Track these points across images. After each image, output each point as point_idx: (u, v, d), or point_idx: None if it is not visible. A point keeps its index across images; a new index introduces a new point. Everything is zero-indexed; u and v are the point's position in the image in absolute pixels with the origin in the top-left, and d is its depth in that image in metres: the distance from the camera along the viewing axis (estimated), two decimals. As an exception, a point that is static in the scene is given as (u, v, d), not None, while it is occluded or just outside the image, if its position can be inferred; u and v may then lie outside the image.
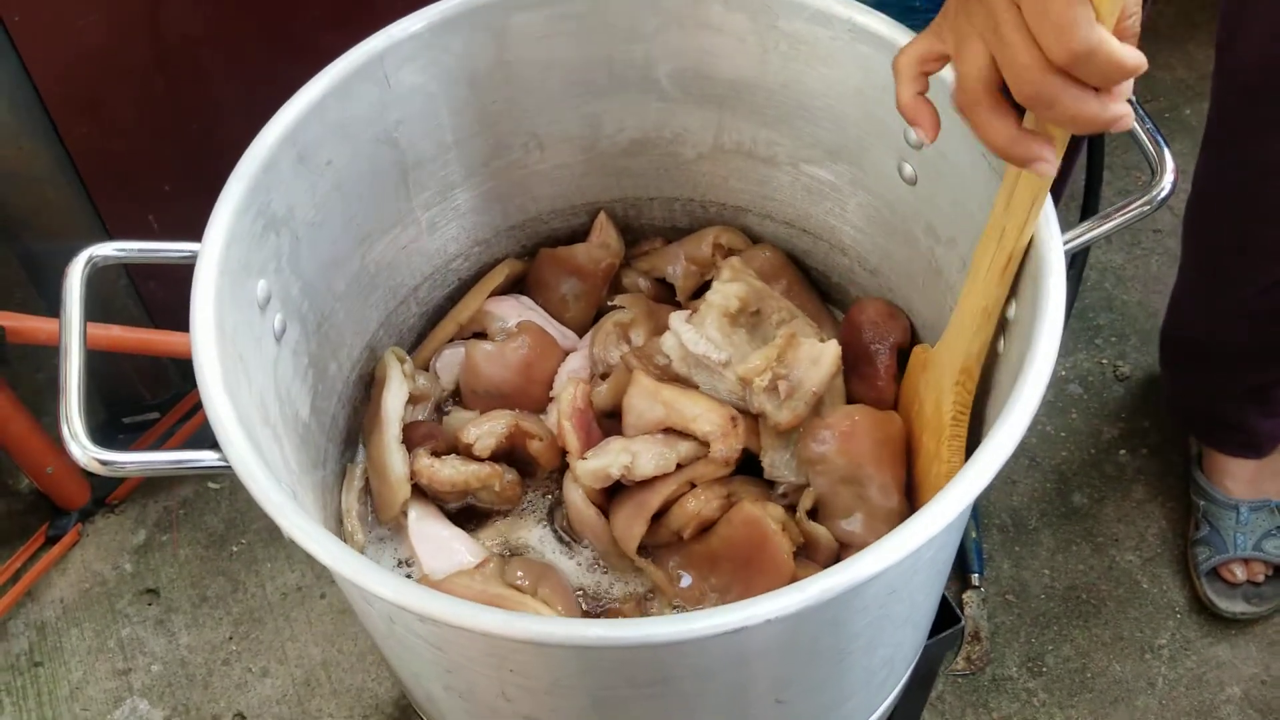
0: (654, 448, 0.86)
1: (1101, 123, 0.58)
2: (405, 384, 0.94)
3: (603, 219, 1.05)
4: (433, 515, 0.91)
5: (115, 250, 0.78)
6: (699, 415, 0.85)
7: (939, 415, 0.85)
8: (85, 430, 0.69)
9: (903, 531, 0.61)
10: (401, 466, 0.90)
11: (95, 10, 1.24)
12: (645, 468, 0.85)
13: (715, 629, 0.59)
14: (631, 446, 0.86)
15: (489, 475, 0.90)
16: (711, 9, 0.91)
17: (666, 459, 0.85)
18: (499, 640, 0.62)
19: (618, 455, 0.86)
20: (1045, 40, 0.56)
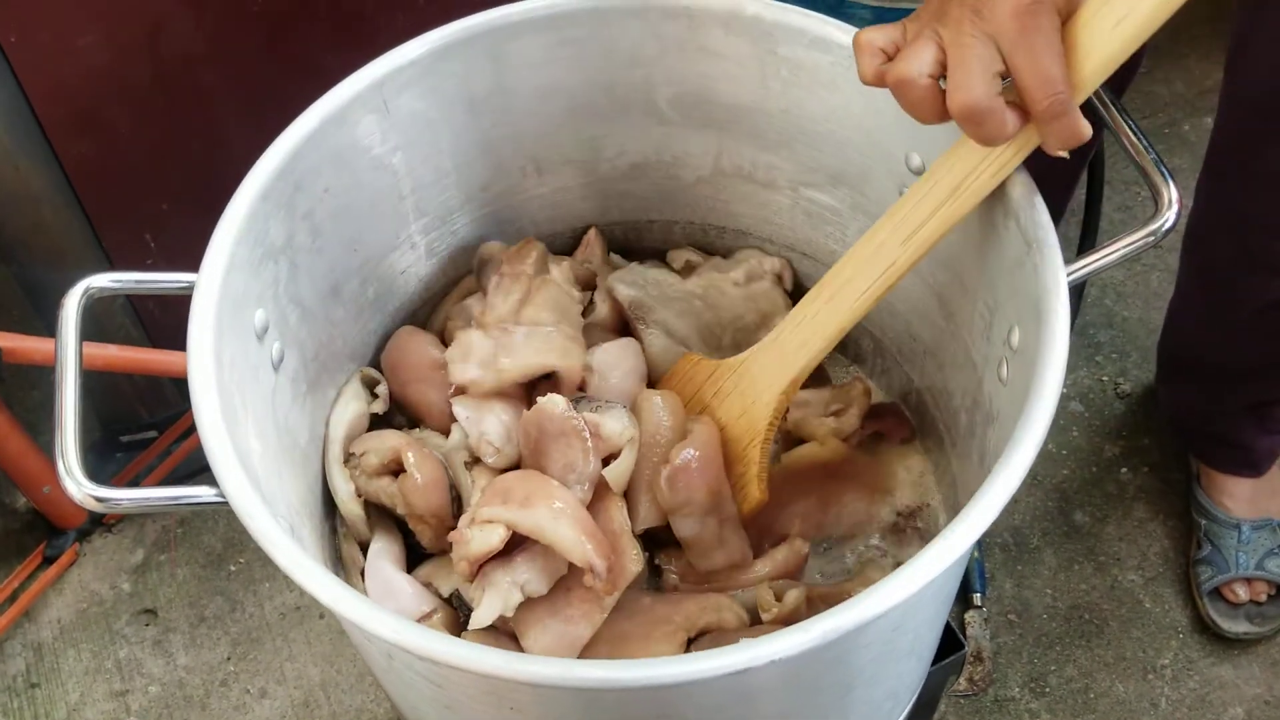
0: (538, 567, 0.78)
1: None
2: (356, 400, 0.92)
3: (592, 235, 1.04)
4: (390, 551, 0.88)
5: (111, 281, 0.77)
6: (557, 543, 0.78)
7: (749, 420, 0.86)
8: (80, 465, 0.69)
9: (909, 569, 0.61)
10: (344, 485, 0.88)
11: (94, 30, 1.23)
12: (540, 588, 0.78)
13: (718, 670, 0.59)
14: (517, 577, 0.78)
15: (394, 494, 0.86)
16: (712, 34, 0.90)
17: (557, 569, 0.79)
18: (499, 681, 0.61)
19: (508, 595, 0.78)
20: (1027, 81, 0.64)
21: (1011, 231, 0.76)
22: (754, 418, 0.86)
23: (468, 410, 0.89)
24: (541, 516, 0.77)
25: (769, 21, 0.88)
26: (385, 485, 0.87)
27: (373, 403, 0.94)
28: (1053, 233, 0.73)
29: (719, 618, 0.82)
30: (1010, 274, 0.78)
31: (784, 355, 0.86)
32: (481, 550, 0.77)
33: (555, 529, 0.77)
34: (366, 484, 0.88)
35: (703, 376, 0.92)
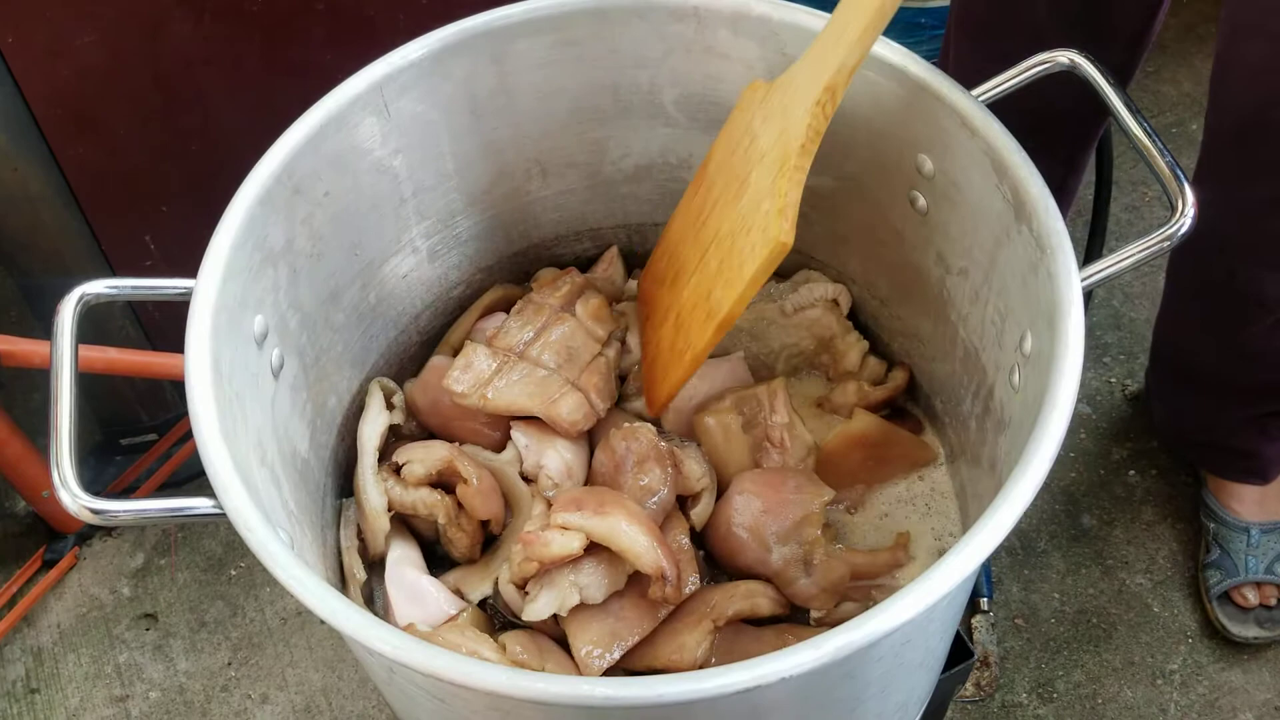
0: (601, 574, 0.80)
1: None
2: (384, 413, 0.92)
3: (614, 254, 1.03)
4: (412, 558, 0.88)
5: (107, 288, 0.76)
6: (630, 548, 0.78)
7: (783, 143, 0.77)
8: (76, 477, 0.67)
9: (920, 586, 0.60)
10: (377, 498, 0.87)
11: (92, 31, 1.22)
12: (597, 596, 0.79)
13: (728, 688, 0.57)
14: (579, 580, 0.79)
15: (434, 504, 0.86)
16: (718, 35, 0.89)
17: (617, 580, 0.79)
18: (504, 698, 0.60)
19: (565, 595, 0.79)
20: None
21: (1025, 237, 0.75)
22: (789, 139, 0.77)
23: (527, 439, 0.88)
24: (617, 524, 0.78)
25: (776, 21, 0.87)
26: (425, 495, 0.87)
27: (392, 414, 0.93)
28: (1067, 238, 0.72)
29: (751, 604, 0.81)
30: (1023, 279, 0.76)
31: (818, 61, 0.77)
32: (562, 553, 0.78)
33: (631, 536, 0.77)
34: (403, 494, 0.87)
35: (757, 99, 0.83)
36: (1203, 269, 1.28)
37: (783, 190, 0.76)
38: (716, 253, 0.81)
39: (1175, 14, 2.05)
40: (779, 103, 0.79)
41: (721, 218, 0.82)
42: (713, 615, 0.80)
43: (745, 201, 0.80)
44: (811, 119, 0.75)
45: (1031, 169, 0.76)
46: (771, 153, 0.78)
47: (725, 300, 0.79)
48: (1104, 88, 0.80)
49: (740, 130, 0.83)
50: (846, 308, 0.99)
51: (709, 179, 0.85)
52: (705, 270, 0.82)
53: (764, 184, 0.77)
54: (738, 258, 0.79)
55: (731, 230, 0.80)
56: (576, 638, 0.79)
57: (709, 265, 0.82)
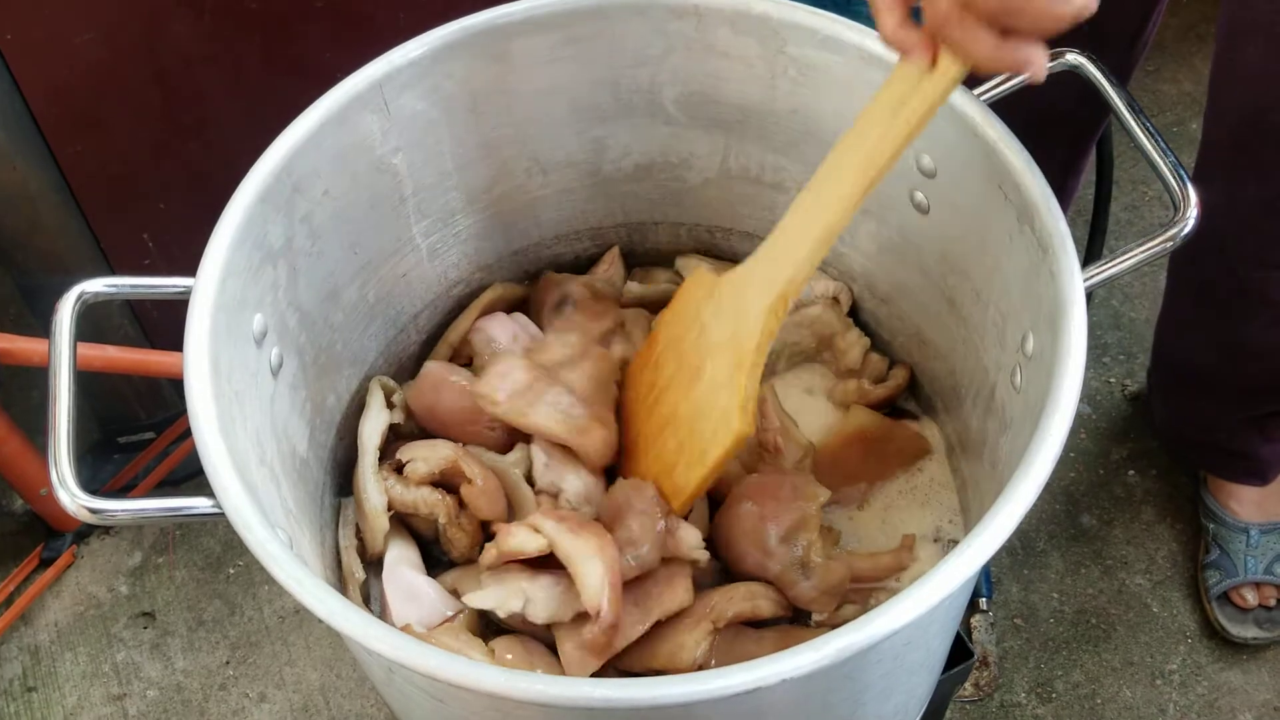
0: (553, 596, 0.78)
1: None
2: (384, 412, 0.91)
3: (614, 254, 1.03)
4: (409, 558, 0.88)
5: (106, 286, 0.76)
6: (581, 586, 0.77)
7: (737, 342, 0.80)
8: (74, 476, 0.67)
9: (921, 589, 0.59)
10: (378, 497, 0.87)
11: (91, 28, 1.22)
12: (538, 615, 0.78)
13: (729, 689, 0.57)
14: (529, 590, 0.79)
15: (435, 503, 0.86)
16: (719, 33, 0.89)
17: (561, 611, 0.78)
18: (503, 699, 0.59)
19: (509, 597, 0.78)
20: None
21: (1026, 236, 0.75)
22: (741, 339, 0.80)
23: (547, 458, 0.87)
24: (583, 549, 0.77)
25: (777, 20, 0.86)
26: (426, 494, 0.86)
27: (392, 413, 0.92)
28: (1069, 239, 0.72)
29: (752, 606, 0.81)
30: (1024, 279, 0.76)
31: (771, 267, 0.80)
32: (519, 549, 0.78)
33: (589, 567, 0.76)
34: (404, 493, 0.87)
35: (703, 294, 0.85)
36: (1203, 269, 1.28)
37: (741, 385, 0.79)
38: (674, 433, 0.84)
39: (1175, 14, 2.05)
40: (730, 302, 0.82)
41: (677, 399, 0.85)
42: (712, 616, 0.80)
43: (700, 390, 0.82)
44: (765, 322, 0.79)
45: (1033, 168, 0.76)
46: (726, 348, 0.81)
47: (690, 480, 0.82)
48: (1107, 88, 0.80)
49: (689, 317, 0.86)
50: (847, 305, 0.99)
51: (658, 357, 0.88)
52: (664, 447, 0.85)
53: (720, 376, 0.81)
54: (699, 442, 0.82)
55: (689, 414, 0.83)
56: (564, 640, 0.79)
57: (667, 443, 0.85)
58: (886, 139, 0.73)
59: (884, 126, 0.73)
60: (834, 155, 0.76)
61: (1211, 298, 1.29)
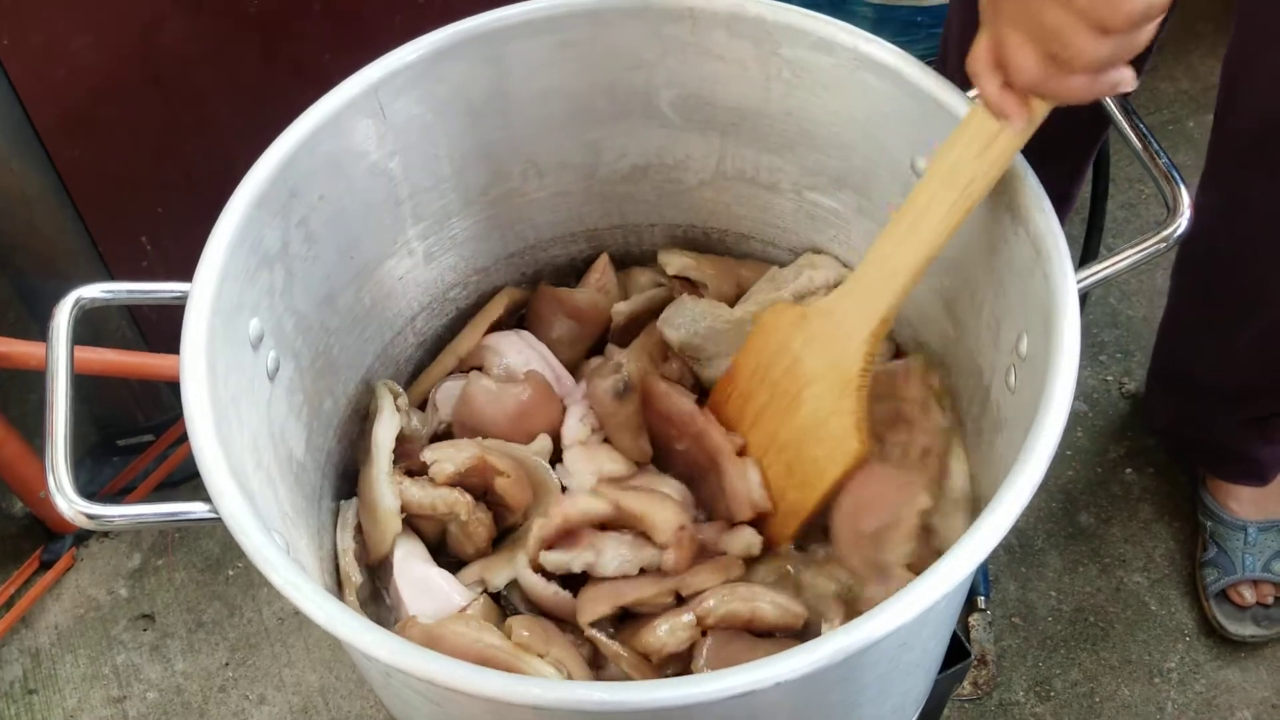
0: (619, 550, 0.84)
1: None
2: (397, 416, 0.92)
3: (604, 262, 1.03)
4: (419, 554, 0.89)
5: (103, 292, 0.76)
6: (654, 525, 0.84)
7: (840, 369, 0.84)
8: (72, 482, 0.67)
9: (917, 588, 0.60)
10: (392, 500, 0.87)
11: (88, 30, 1.22)
12: (607, 568, 0.83)
13: (724, 692, 0.57)
14: (597, 544, 0.84)
15: (454, 502, 0.88)
16: (714, 36, 0.89)
17: (629, 563, 0.83)
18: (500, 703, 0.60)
19: (582, 552, 0.84)
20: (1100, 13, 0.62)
21: (1021, 238, 0.75)
22: (845, 366, 0.84)
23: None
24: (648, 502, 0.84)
25: (772, 23, 0.86)
26: (445, 494, 0.88)
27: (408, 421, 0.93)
28: (1063, 240, 0.72)
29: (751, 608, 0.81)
30: (1019, 281, 0.76)
31: (869, 297, 0.83)
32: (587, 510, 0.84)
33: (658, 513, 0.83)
34: (421, 495, 0.88)
35: (788, 325, 0.89)
36: (1210, 272, 1.28)
37: (851, 409, 0.84)
38: (780, 457, 0.89)
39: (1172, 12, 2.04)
40: (822, 329, 0.86)
41: (774, 427, 0.89)
42: (699, 610, 0.80)
43: (803, 416, 0.87)
44: (869, 348, 0.83)
45: (1028, 170, 0.76)
46: (827, 377, 0.86)
47: (806, 500, 0.87)
48: (1100, 91, 0.80)
49: (775, 348, 0.90)
50: None
51: (744, 387, 0.92)
52: (774, 470, 0.89)
53: (826, 403, 0.86)
54: (813, 466, 0.87)
55: (793, 440, 0.88)
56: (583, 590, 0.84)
57: (775, 469, 0.89)
58: (980, 177, 0.75)
59: (974, 166, 0.75)
60: (927, 189, 0.78)
61: (1217, 300, 1.29)
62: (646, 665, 0.81)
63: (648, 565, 0.83)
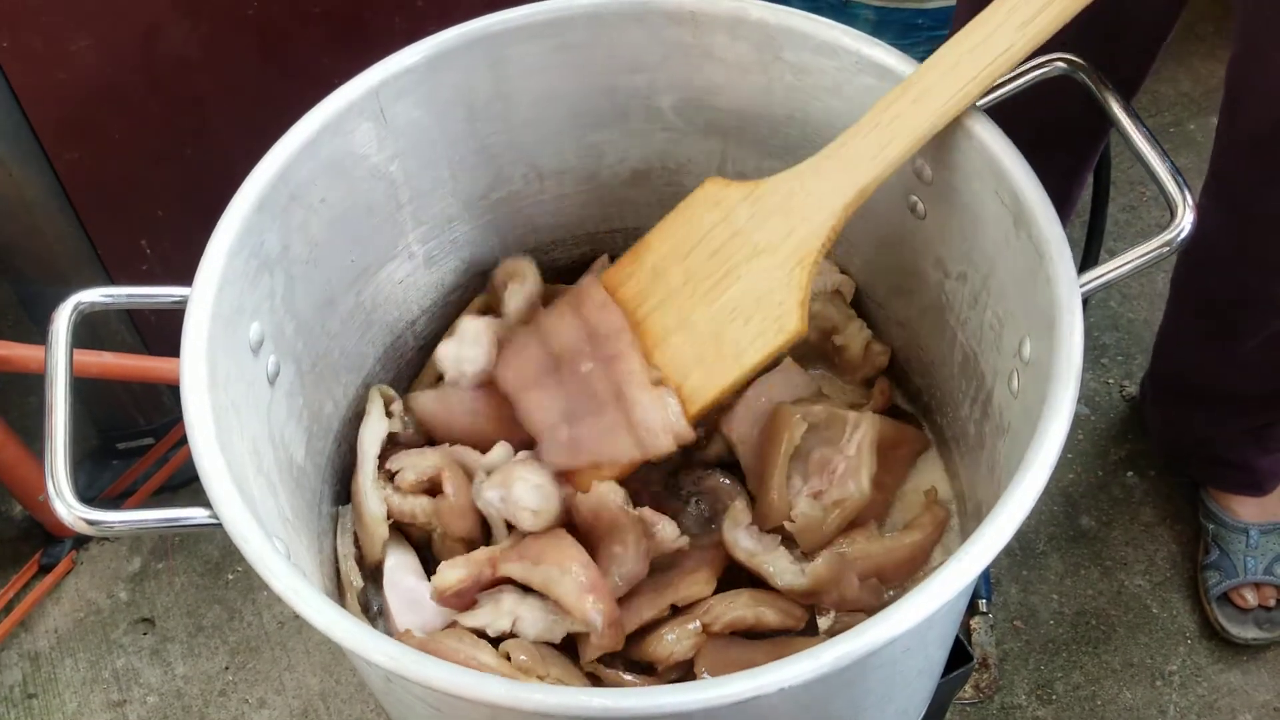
0: (537, 616, 0.79)
1: None
2: (384, 420, 0.91)
3: (602, 263, 1.03)
4: (409, 564, 0.88)
5: (102, 296, 0.76)
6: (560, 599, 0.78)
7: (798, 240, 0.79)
8: (71, 486, 0.67)
9: (919, 595, 0.59)
10: (377, 506, 0.87)
11: (87, 35, 1.22)
12: (528, 634, 0.79)
13: (727, 698, 0.57)
14: (518, 609, 0.79)
15: (430, 511, 0.86)
16: (715, 39, 0.89)
17: (552, 631, 0.79)
18: (501, 710, 0.59)
19: (499, 618, 0.79)
20: None
21: (1023, 242, 0.75)
22: (804, 238, 0.78)
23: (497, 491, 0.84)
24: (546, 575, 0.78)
25: (773, 26, 0.86)
26: (422, 503, 0.87)
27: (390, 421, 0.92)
28: (1066, 245, 0.72)
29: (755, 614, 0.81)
30: (1021, 285, 0.76)
31: (852, 163, 0.77)
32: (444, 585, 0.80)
33: (560, 588, 0.77)
34: (400, 502, 0.87)
35: (735, 199, 0.82)
36: (1211, 280, 1.27)
37: (801, 284, 0.77)
38: (687, 341, 0.82)
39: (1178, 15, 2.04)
40: (781, 201, 0.80)
41: (688, 309, 0.82)
42: (706, 617, 0.80)
43: (736, 294, 0.80)
44: (838, 220, 0.77)
45: (1030, 174, 0.76)
46: (780, 249, 0.79)
47: (709, 388, 0.81)
48: (1101, 91, 0.80)
49: (709, 224, 0.83)
50: (849, 296, 0.99)
51: (657, 266, 0.85)
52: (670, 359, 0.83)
53: (773, 277, 0.79)
54: (729, 348, 0.80)
55: (713, 321, 0.81)
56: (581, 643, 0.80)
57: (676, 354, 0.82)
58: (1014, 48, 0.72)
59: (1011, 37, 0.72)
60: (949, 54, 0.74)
61: (1220, 309, 1.28)
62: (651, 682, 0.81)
63: (574, 630, 0.79)
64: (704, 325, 0.82)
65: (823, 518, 0.85)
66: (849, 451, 0.88)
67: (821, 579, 0.82)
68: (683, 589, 0.80)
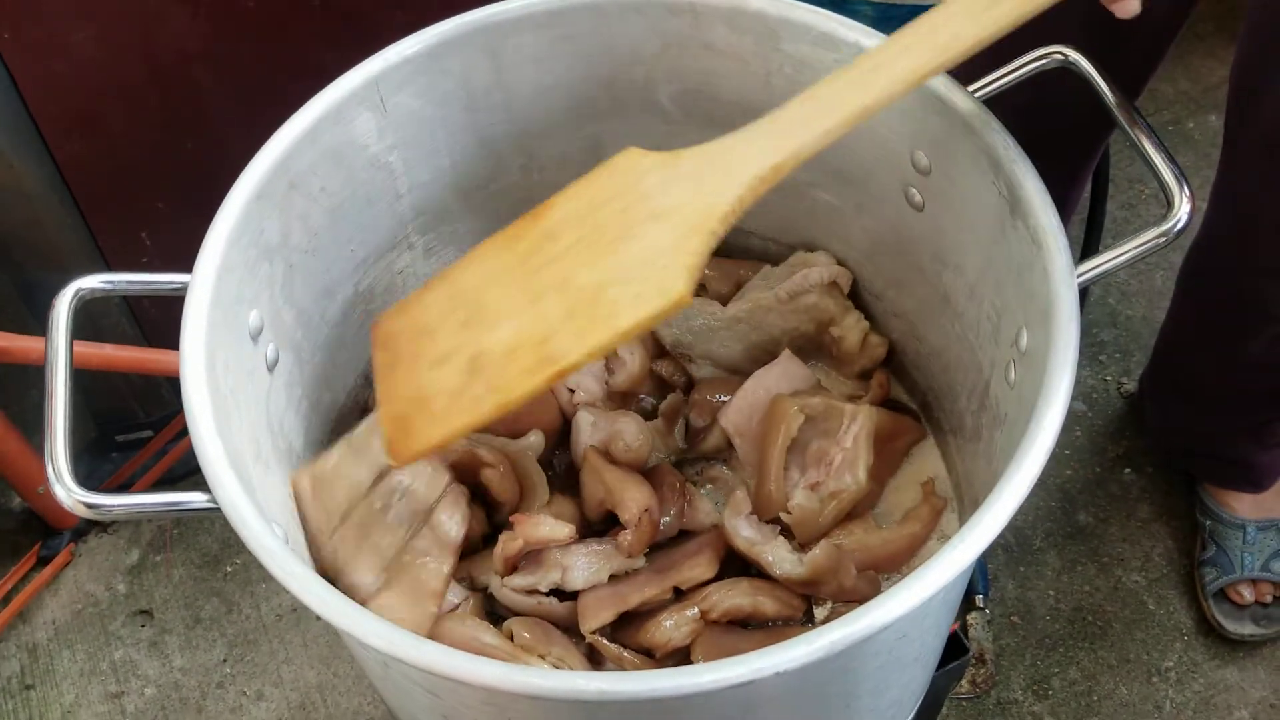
0: (585, 563, 0.83)
1: None
2: None
3: None
4: None
5: (102, 283, 0.76)
6: (622, 502, 0.84)
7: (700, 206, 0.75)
8: (70, 471, 0.67)
9: (915, 581, 0.60)
10: None
11: (88, 26, 1.22)
12: (575, 583, 0.82)
13: (723, 682, 0.57)
14: (564, 560, 0.83)
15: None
16: (715, 31, 0.89)
17: (597, 574, 0.83)
18: (498, 692, 0.60)
19: (549, 572, 0.83)
20: None
21: (1020, 233, 0.75)
22: (709, 204, 0.74)
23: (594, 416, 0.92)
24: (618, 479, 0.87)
25: (773, 18, 0.86)
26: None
27: None
28: (1063, 235, 0.72)
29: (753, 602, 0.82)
30: (1018, 276, 0.76)
31: (776, 135, 0.74)
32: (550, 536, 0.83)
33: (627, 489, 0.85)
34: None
35: (649, 165, 0.79)
36: (1219, 282, 1.27)
37: (694, 249, 0.73)
38: (562, 300, 0.77)
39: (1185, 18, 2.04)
40: (696, 167, 0.76)
41: (573, 268, 0.78)
42: (704, 604, 0.80)
43: (626, 254, 0.76)
44: (747, 189, 0.73)
45: (1027, 165, 0.76)
46: (680, 213, 0.75)
47: (573, 349, 0.75)
48: (1099, 84, 0.80)
49: (615, 189, 0.79)
50: (847, 288, 0.99)
51: (551, 229, 0.81)
52: (539, 316, 0.77)
53: (664, 240, 0.74)
54: (605, 308, 0.75)
55: (593, 282, 0.76)
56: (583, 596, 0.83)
57: (547, 312, 0.77)
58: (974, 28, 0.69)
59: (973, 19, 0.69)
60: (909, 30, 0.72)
61: (1225, 310, 1.28)
62: (649, 664, 0.81)
63: (617, 571, 0.83)
64: (584, 287, 0.76)
65: (819, 509, 0.86)
66: (846, 443, 0.88)
67: (820, 568, 0.82)
68: (685, 571, 0.81)
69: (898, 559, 0.87)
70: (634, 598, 0.81)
